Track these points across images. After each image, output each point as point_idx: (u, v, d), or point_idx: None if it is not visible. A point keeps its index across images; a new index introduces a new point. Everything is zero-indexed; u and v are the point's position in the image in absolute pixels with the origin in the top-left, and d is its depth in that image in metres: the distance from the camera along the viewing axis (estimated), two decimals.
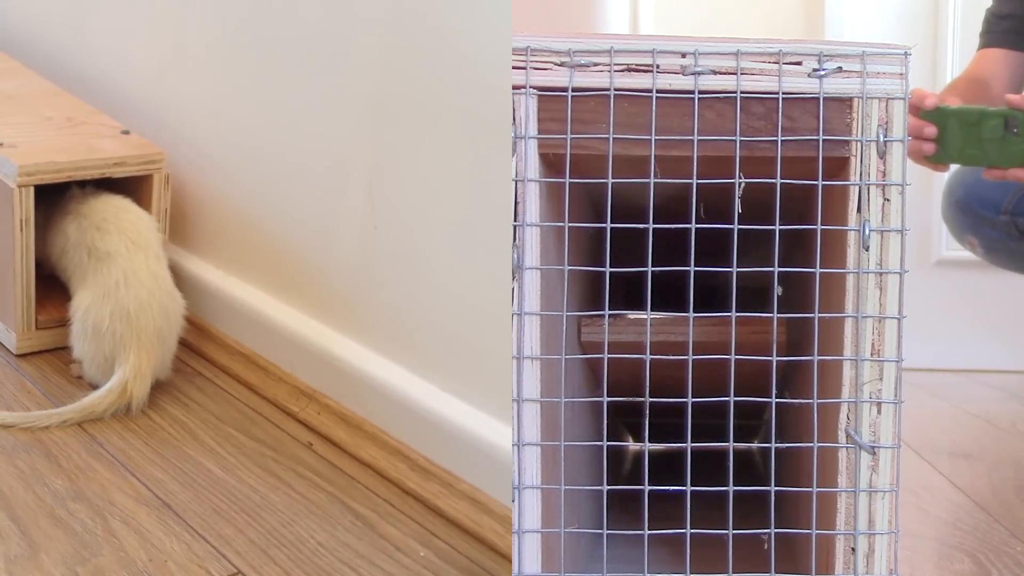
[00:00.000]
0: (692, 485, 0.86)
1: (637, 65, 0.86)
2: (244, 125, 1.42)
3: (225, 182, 1.46)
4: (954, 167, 1.73)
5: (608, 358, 0.90)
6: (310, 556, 1.08)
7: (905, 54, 0.86)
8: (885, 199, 0.86)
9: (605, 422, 0.96)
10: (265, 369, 1.39)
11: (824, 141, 0.86)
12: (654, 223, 0.86)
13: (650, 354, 0.87)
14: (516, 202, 0.87)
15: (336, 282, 1.32)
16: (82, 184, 1.41)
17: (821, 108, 0.86)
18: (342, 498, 1.19)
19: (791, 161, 0.87)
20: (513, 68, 0.86)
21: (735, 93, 0.86)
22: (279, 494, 1.18)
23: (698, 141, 0.86)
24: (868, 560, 0.87)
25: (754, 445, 1.56)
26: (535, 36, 0.87)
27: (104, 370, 1.33)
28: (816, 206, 0.87)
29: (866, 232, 0.86)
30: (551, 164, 0.89)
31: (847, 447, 0.87)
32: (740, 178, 0.86)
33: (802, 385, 0.98)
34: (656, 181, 0.86)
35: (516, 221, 0.87)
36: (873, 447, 0.86)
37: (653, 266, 0.86)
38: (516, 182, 0.87)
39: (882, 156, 0.86)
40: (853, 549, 0.87)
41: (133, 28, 1.59)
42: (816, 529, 0.89)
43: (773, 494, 0.89)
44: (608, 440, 0.96)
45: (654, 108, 0.86)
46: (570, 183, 0.87)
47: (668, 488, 0.87)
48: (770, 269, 0.87)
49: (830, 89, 0.86)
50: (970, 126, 1.23)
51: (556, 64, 0.87)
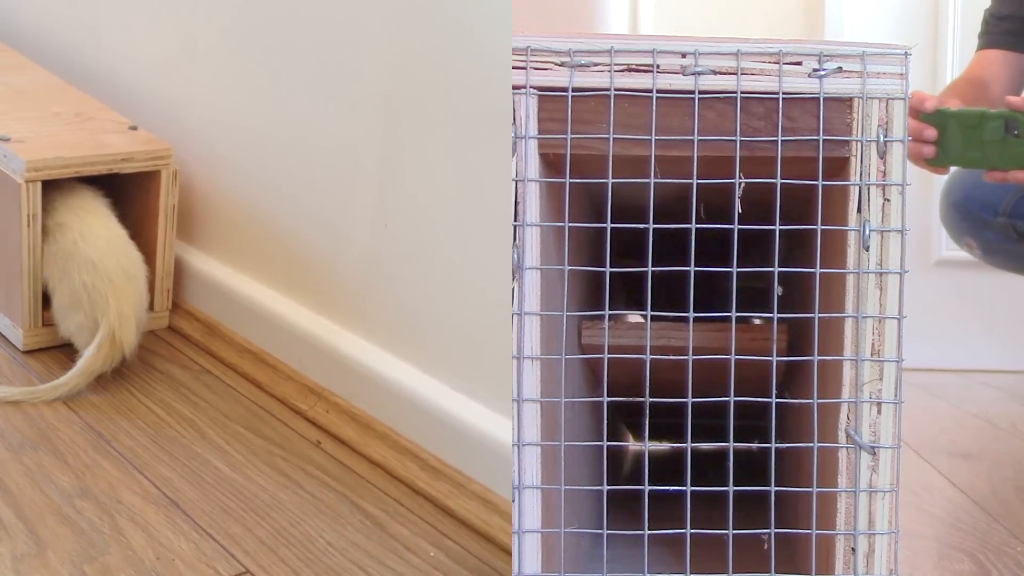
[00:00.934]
0: (692, 485, 0.86)
1: (637, 65, 0.86)
2: (253, 121, 1.41)
3: (234, 178, 1.45)
4: (952, 169, 1.73)
5: (608, 359, 0.90)
6: (319, 556, 1.08)
7: (905, 54, 0.86)
8: (885, 199, 0.86)
9: (605, 422, 0.96)
10: (274, 367, 1.39)
11: (824, 141, 0.86)
12: (654, 223, 0.86)
13: (650, 356, 0.87)
14: (516, 202, 0.87)
15: (346, 279, 1.31)
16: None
17: (821, 108, 0.86)
18: (351, 497, 1.18)
19: (791, 161, 0.87)
20: (513, 68, 0.86)
21: (735, 93, 0.86)
22: (288, 493, 1.18)
23: (698, 141, 0.86)
24: (868, 560, 0.87)
25: (754, 445, 1.56)
26: (535, 36, 0.87)
27: (95, 334, 1.32)
28: (816, 206, 0.87)
29: (866, 232, 0.86)
30: (551, 164, 0.89)
31: (847, 447, 0.87)
32: (740, 178, 0.86)
33: (802, 385, 0.98)
34: (656, 181, 0.86)
35: (516, 221, 0.87)
36: (873, 447, 0.86)
37: (653, 266, 0.86)
38: (516, 182, 0.87)
39: (882, 156, 0.86)
40: (853, 549, 0.87)
41: (142, 23, 1.59)
42: (816, 529, 0.89)
43: (773, 494, 0.89)
44: (608, 440, 0.96)
45: (654, 108, 0.86)
46: (570, 183, 0.87)
47: (668, 488, 0.87)
48: (770, 269, 0.87)
49: (830, 89, 0.86)
50: (970, 128, 1.23)
51: (556, 64, 0.87)
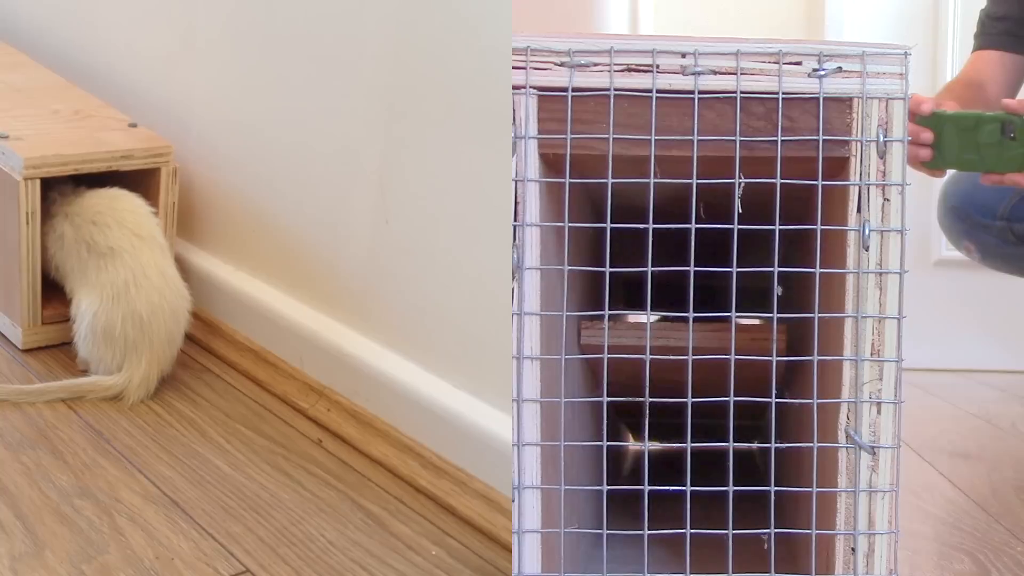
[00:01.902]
0: (692, 485, 0.86)
1: (637, 65, 0.86)
2: (254, 118, 1.41)
3: (234, 175, 1.45)
4: (949, 173, 1.73)
5: (608, 359, 0.90)
6: (320, 555, 1.07)
7: (905, 54, 0.86)
8: (885, 199, 0.86)
9: (605, 422, 0.96)
10: (274, 365, 1.39)
11: (824, 141, 0.86)
12: (654, 223, 0.86)
13: (650, 356, 0.87)
14: (516, 202, 0.87)
15: (347, 277, 1.31)
16: (71, 183, 1.40)
17: (821, 108, 0.86)
18: (352, 496, 1.18)
19: (791, 161, 0.87)
20: (513, 68, 0.86)
21: (735, 93, 0.86)
22: (289, 491, 1.17)
23: (698, 141, 0.86)
24: (868, 560, 0.87)
25: (754, 445, 1.56)
26: (535, 36, 0.87)
27: (112, 357, 1.32)
28: (816, 206, 0.87)
29: (866, 232, 0.86)
30: (551, 164, 0.89)
31: (847, 447, 0.87)
32: (740, 178, 0.86)
33: (802, 385, 0.98)
34: (656, 181, 0.86)
35: (516, 221, 0.87)
36: (873, 447, 0.86)
37: (653, 266, 0.86)
38: (516, 182, 0.87)
39: (882, 156, 0.86)
40: (853, 549, 0.87)
41: (141, 20, 1.59)
42: (816, 529, 0.89)
43: (773, 494, 0.89)
44: (608, 440, 0.96)
45: (654, 108, 0.86)
46: (570, 183, 0.87)
47: (668, 488, 0.87)
48: (770, 269, 0.87)
49: (830, 89, 0.86)
50: (967, 131, 1.23)
51: (556, 64, 0.87)
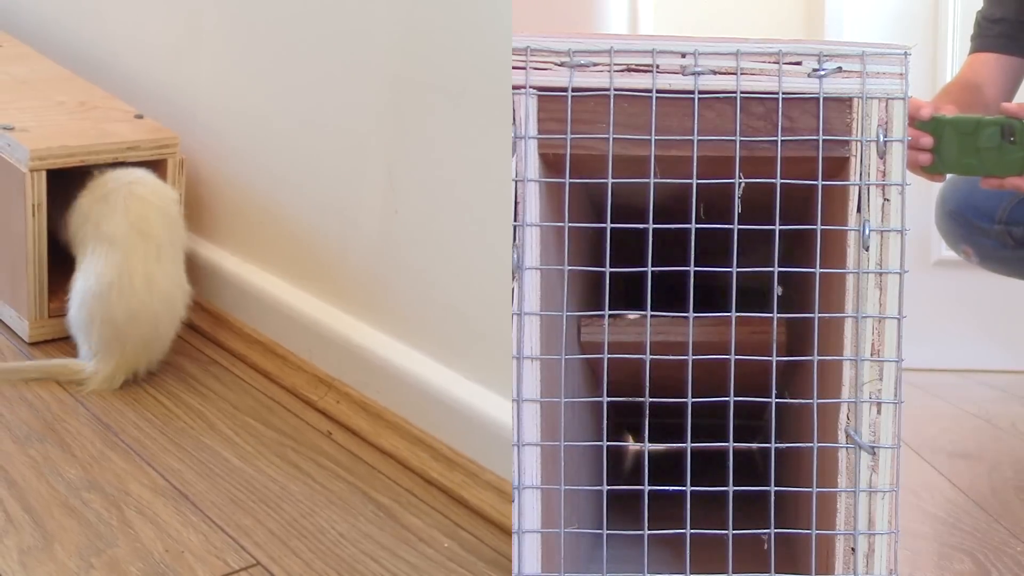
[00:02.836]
0: (692, 485, 0.86)
1: (637, 65, 0.86)
2: (261, 108, 1.40)
3: (241, 167, 1.45)
4: (947, 177, 1.73)
5: (608, 358, 0.90)
6: (331, 547, 1.07)
7: (905, 54, 0.86)
8: (885, 199, 0.86)
9: (605, 422, 0.96)
10: (283, 357, 1.38)
11: (824, 141, 0.86)
12: (654, 223, 0.86)
13: (650, 354, 0.87)
14: (516, 202, 0.87)
15: (356, 267, 1.30)
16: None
17: (821, 108, 0.86)
18: (363, 488, 1.17)
19: (791, 161, 0.87)
20: (513, 68, 0.86)
21: (735, 93, 0.86)
22: (298, 484, 1.17)
23: (698, 141, 0.86)
24: (868, 560, 0.87)
25: (754, 445, 1.56)
26: (535, 36, 0.87)
27: (89, 346, 1.33)
28: (816, 206, 0.87)
29: (866, 232, 0.86)
30: (551, 164, 0.89)
31: (847, 447, 0.87)
32: (740, 178, 0.86)
33: (802, 385, 0.98)
34: (656, 181, 0.86)
35: (516, 221, 0.87)
36: (873, 447, 0.86)
37: (653, 266, 0.86)
38: (516, 182, 0.87)
39: (882, 156, 0.86)
40: (853, 549, 0.87)
41: (146, 10, 1.58)
42: (816, 529, 0.89)
43: (773, 494, 0.89)
44: (608, 440, 0.96)
45: (654, 108, 0.86)
46: (570, 183, 0.87)
47: (668, 488, 0.87)
48: (770, 269, 0.87)
49: (830, 89, 0.86)
50: (966, 135, 1.23)
51: (556, 64, 0.87)
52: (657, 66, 0.86)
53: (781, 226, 0.86)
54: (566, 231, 0.89)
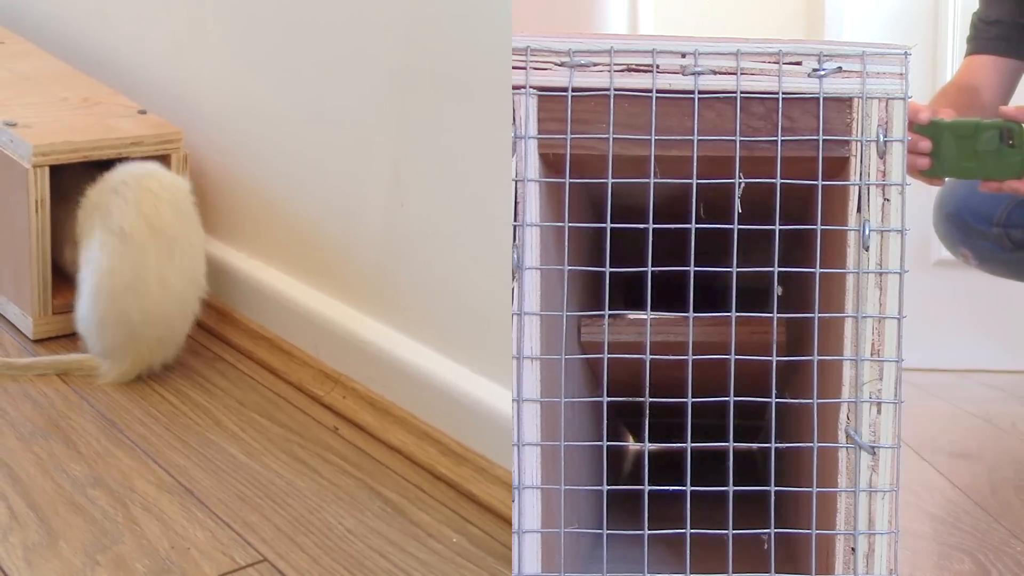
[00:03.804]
0: (692, 485, 0.86)
1: (637, 65, 0.86)
2: (264, 102, 1.40)
3: (246, 161, 1.44)
4: (946, 180, 1.73)
5: (608, 358, 0.90)
6: (338, 543, 1.06)
7: (905, 54, 0.86)
8: (885, 199, 0.86)
9: (605, 422, 0.96)
10: (289, 353, 1.38)
11: (824, 141, 0.86)
12: (654, 223, 0.86)
13: (650, 354, 0.87)
14: (516, 202, 0.87)
15: (362, 261, 1.30)
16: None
17: (821, 108, 0.86)
18: (371, 483, 1.16)
19: (791, 161, 0.87)
20: (513, 68, 0.86)
21: (735, 93, 0.86)
22: (305, 480, 1.16)
23: (698, 141, 0.86)
24: (868, 560, 0.87)
25: (754, 445, 1.56)
26: (535, 36, 0.87)
27: (103, 345, 1.32)
28: (816, 206, 0.87)
29: (866, 232, 0.86)
30: (551, 164, 0.89)
31: (847, 447, 0.87)
32: (740, 178, 0.86)
33: (802, 385, 0.98)
34: (656, 181, 0.86)
35: (516, 221, 0.87)
36: (873, 447, 0.86)
37: (653, 266, 0.86)
38: (516, 182, 0.87)
39: (882, 156, 0.86)
40: (853, 549, 0.87)
41: (149, 6, 1.58)
42: (816, 529, 0.89)
43: (773, 494, 0.89)
44: (608, 440, 0.96)
45: (654, 108, 0.86)
46: (570, 183, 0.87)
47: (668, 488, 0.87)
48: (770, 269, 0.87)
49: (830, 89, 0.86)
50: (965, 139, 1.23)
51: (556, 64, 0.87)
52: (657, 66, 0.86)
53: (781, 226, 0.86)
54: (566, 231, 0.89)
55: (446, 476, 1.18)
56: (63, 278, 1.41)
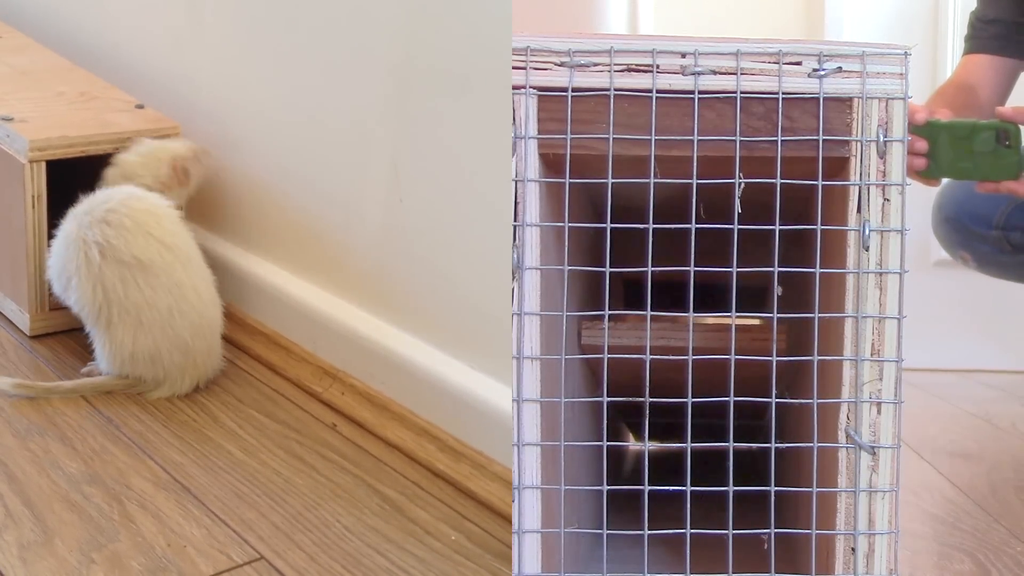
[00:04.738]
0: (692, 485, 0.86)
1: (637, 65, 0.86)
2: (262, 97, 1.39)
3: (243, 156, 1.44)
4: (943, 182, 1.73)
5: (608, 359, 0.90)
6: (336, 540, 1.06)
7: (905, 54, 0.86)
8: (885, 199, 0.86)
9: (605, 422, 0.96)
10: (287, 349, 1.37)
11: (824, 141, 0.86)
12: (654, 223, 0.86)
13: (650, 356, 0.87)
14: (516, 202, 0.87)
15: (360, 258, 1.30)
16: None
17: (821, 108, 0.86)
18: (369, 481, 1.16)
19: (791, 161, 0.87)
20: (513, 68, 0.86)
21: (735, 93, 0.86)
22: (303, 477, 1.16)
23: (698, 141, 0.86)
24: (868, 560, 0.87)
25: (754, 445, 1.56)
26: (535, 36, 0.87)
27: (161, 373, 1.29)
28: (816, 206, 0.87)
29: (866, 232, 0.86)
30: (551, 164, 0.89)
31: (847, 447, 0.87)
32: (740, 178, 0.86)
33: (802, 385, 0.98)
34: (656, 181, 0.86)
35: (516, 221, 0.87)
36: (873, 447, 0.86)
37: (653, 266, 0.86)
38: (516, 182, 0.87)
39: (882, 156, 0.86)
40: (853, 549, 0.87)
41: (147, 0, 1.57)
42: (816, 529, 0.89)
43: (773, 494, 0.89)
44: (608, 440, 0.96)
45: (654, 108, 0.86)
46: (570, 183, 0.87)
47: (668, 488, 0.87)
48: (770, 269, 0.87)
49: (830, 89, 0.86)
50: (961, 140, 1.23)
51: (556, 64, 0.87)
52: (657, 66, 0.86)
53: (781, 226, 0.86)
54: (566, 231, 0.89)
55: (444, 473, 1.17)
56: None
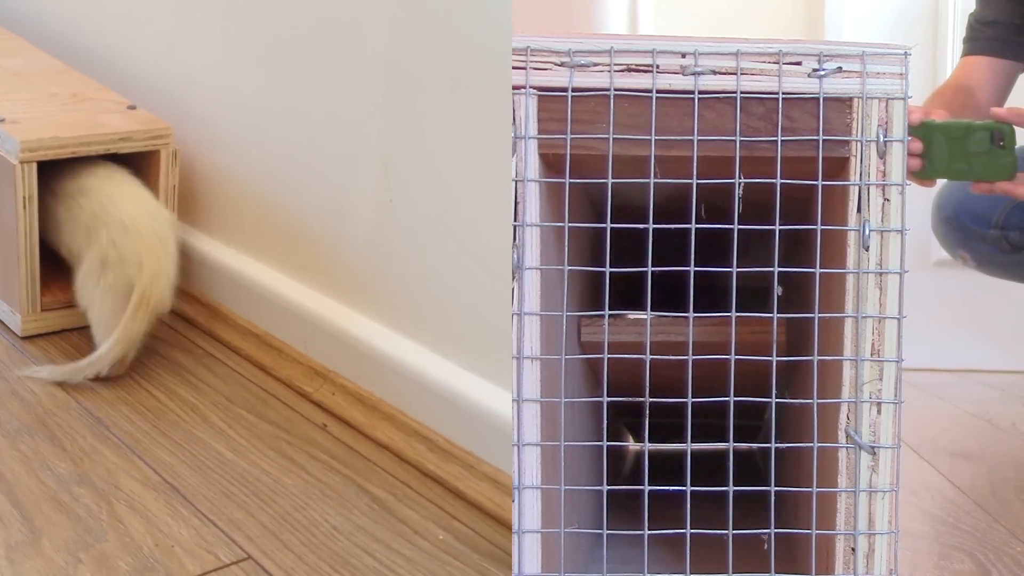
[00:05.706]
0: (692, 485, 0.86)
1: (637, 65, 0.86)
2: (254, 98, 1.39)
3: (235, 157, 1.44)
4: (941, 182, 1.73)
5: (608, 358, 0.90)
6: (324, 541, 1.06)
7: (905, 54, 0.86)
8: (885, 199, 0.86)
9: (605, 422, 0.96)
10: (278, 349, 1.37)
11: (824, 141, 0.86)
12: (654, 223, 0.86)
13: (650, 354, 0.87)
14: (516, 202, 0.87)
15: (351, 258, 1.29)
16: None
17: (821, 108, 0.86)
18: (358, 481, 1.16)
19: (791, 161, 0.87)
20: (513, 68, 0.86)
21: (735, 93, 0.86)
22: (292, 477, 1.16)
23: (698, 141, 0.86)
24: (868, 560, 0.87)
25: (754, 445, 1.56)
26: (535, 36, 0.87)
27: (122, 298, 1.29)
28: (816, 206, 0.87)
29: (866, 232, 0.86)
30: (551, 164, 0.89)
31: (847, 447, 0.87)
32: (740, 178, 0.86)
33: (802, 385, 0.98)
34: (656, 181, 0.86)
35: (516, 221, 0.87)
36: (873, 447, 0.86)
37: (653, 266, 0.86)
38: (516, 182, 0.87)
39: (882, 156, 0.86)
40: (853, 549, 0.87)
41: (139, 1, 1.57)
42: (816, 529, 0.89)
43: (773, 494, 0.89)
44: (608, 440, 0.96)
45: (654, 108, 0.86)
46: (570, 183, 0.87)
47: (668, 488, 0.87)
48: (770, 269, 0.87)
49: (830, 89, 0.86)
50: (956, 140, 1.23)
51: (556, 64, 0.87)
52: (657, 66, 0.86)
53: (781, 226, 0.86)
54: (566, 231, 0.89)
55: (434, 473, 1.18)
56: (52, 275, 1.41)
